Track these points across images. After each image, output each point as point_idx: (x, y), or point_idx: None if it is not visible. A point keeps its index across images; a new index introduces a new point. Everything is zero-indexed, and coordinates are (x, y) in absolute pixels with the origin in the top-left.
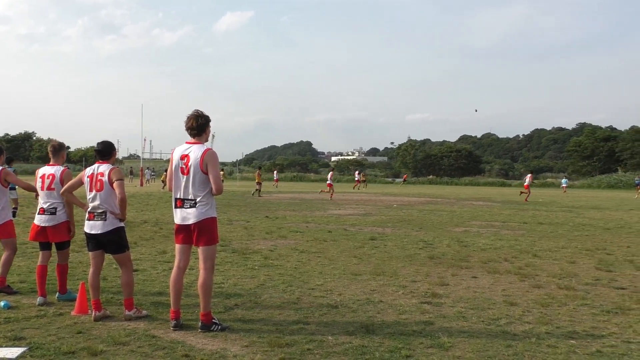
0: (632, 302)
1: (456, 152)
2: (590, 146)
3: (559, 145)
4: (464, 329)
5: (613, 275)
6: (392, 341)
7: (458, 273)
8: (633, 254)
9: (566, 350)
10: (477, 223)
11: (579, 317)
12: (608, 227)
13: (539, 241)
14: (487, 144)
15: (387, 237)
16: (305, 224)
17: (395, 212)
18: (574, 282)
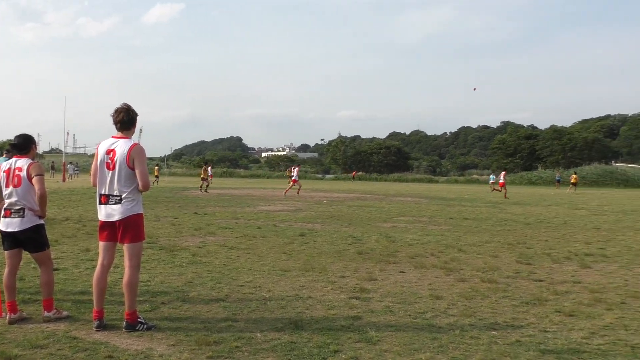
0: (549, 294)
1: (385, 149)
2: (513, 144)
3: (484, 142)
4: (391, 323)
5: (532, 268)
6: (321, 336)
7: (386, 268)
8: (551, 247)
9: (488, 341)
10: (405, 219)
11: (500, 309)
12: (528, 222)
13: (464, 236)
14: (415, 141)
15: (317, 233)
16: (235, 220)
17: (325, 208)
18: (496, 275)
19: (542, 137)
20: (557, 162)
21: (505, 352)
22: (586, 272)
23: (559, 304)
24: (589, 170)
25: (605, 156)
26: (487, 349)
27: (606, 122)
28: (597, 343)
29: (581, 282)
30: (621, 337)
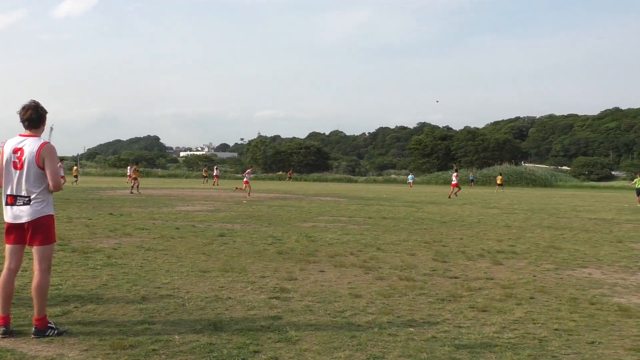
0: (463, 290)
1: (305, 149)
2: (430, 144)
3: (402, 143)
4: (311, 322)
5: (448, 266)
6: (241, 337)
7: (306, 267)
8: (465, 245)
9: (405, 338)
10: (325, 218)
11: (417, 306)
12: (444, 220)
13: (383, 235)
14: (335, 141)
15: (236, 233)
16: (152, 220)
17: (245, 208)
18: (414, 273)
19: (456, 138)
20: (471, 162)
21: (422, 348)
22: (498, 269)
23: (472, 300)
24: (500, 170)
25: (515, 157)
26: (405, 346)
27: (516, 123)
28: (508, 337)
29: (493, 279)
30: (530, 331)
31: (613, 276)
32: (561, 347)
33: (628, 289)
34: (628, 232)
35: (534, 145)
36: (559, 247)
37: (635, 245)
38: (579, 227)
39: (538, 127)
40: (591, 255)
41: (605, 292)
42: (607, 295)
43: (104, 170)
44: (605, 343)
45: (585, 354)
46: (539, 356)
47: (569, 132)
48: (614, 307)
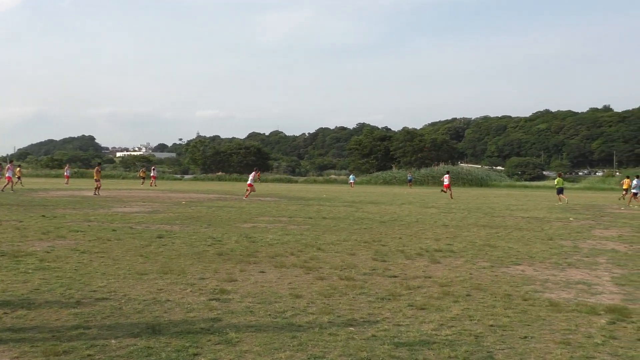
0: (402, 289)
1: (245, 149)
2: (369, 145)
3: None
4: (251, 323)
5: (387, 265)
6: (180, 340)
7: (246, 268)
8: (404, 244)
9: (345, 337)
10: (265, 219)
11: (357, 305)
12: (383, 220)
13: (323, 235)
14: (275, 141)
15: (175, 235)
16: (87, 222)
17: (184, 209)
18: (354, 272)
19: (395, 138)
20: (409, 162)
21: (362, 347)
22: (436, 267)
23: (411, 299)
24: (438, 171)
25: (452, 157)
26: (345, 345)
27: (453, 124)
28: (446, 334)
29: (431, 277)
30: (467, 327)
31: (544, 272)
32: (496, 343)
33: (558, 284)
34: (558, 229)
35: (470, 145)
36: (494, 245)
37: (564, 242)
38: (513, 226)
39: (474, 128)
40: (524, 253)
41: (537, 288)
42: (539, 291)
43: (37, 171)
44: (537, 337)
45: (519, 348)
46: (475, 352)
47: (502, 133)
48: (545, 302)
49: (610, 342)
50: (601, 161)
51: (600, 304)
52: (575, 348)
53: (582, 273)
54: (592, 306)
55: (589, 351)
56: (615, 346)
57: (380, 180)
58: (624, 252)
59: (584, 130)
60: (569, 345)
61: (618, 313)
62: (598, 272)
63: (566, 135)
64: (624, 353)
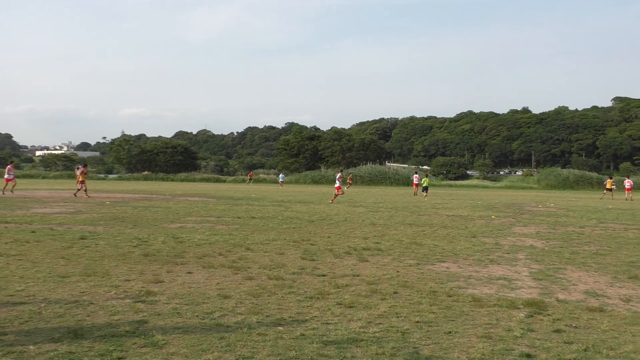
0: (331, 287)
1: (172, 148)
2: (298, 144)
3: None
4: (178, 325)
5: (316, 264)
6: (103, 344)
7: (173, 269)
8: (333, 243)
9: (274, 337)
10: (193, 219)
11: (286, 305)
12: (312, 219)
13: (252, 235)
14: (202, 140)
15: (99, 236)
16: (4, 224)
17: (108, 209)
18: (283, 272)
19: (324, 138)
20: (337, 162)
21: (291, 346)
22: (364, 266)
23: (340, 297)
24: (365, 170)
25: (380, 156)
26: (274, 345)
27: (380, 124)
28: (373, 331)
29: (360, 275)
30: (394, 324)
31: (468, 269)
32: (422, 339)
33: (481, 280)
34: (481, 227)
35: (397, 145)
36: (420, 243)
37: (487, 239)
38: (438, 224)
39: (400, 128)
40: (449, 250)
41: (461, 285)
42: (462, 287)
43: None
44: (461, 332)
45: (443, 343)
46: (402, 348)
47: (428, 133)
48: (468, 298)
49: (528, 335)
50: (521, 161)
51: (520, 299)
52: (496, 341)
53: (503, 269)
54: (512, 300)
55: (509, 344)
56: (532, 338)
57: (309, 179)
58: (541, 248)
59: (504, 131)
60: (490, 338)
61: (535, 306)
62: (518, 267)
63: (488, 135)
64: (541, 344)
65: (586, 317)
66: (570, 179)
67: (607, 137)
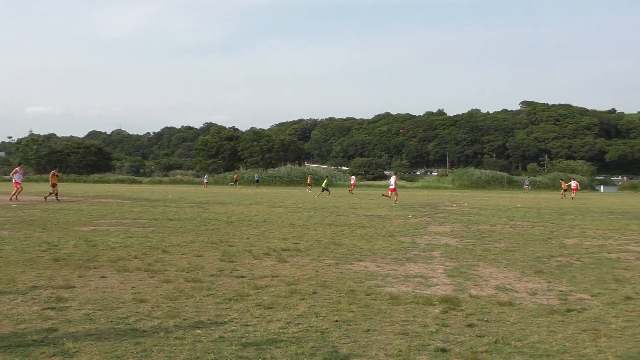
0: (250, 289)
1: (84, 149)
2: (216, 145)
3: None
4: (91, 331)
5: (235, 265)
6: (8, 355)
7: (86, 274)
8: (252, 244)
9: (192, 340)
10: (107, 221)
11: (204, 307)
12: (231, 220)
13: (169, 237)
14: (117, 141)
15: (4, 241)
16: None
17: (14, 212)
18: (201, 274)
19: (243, 138)
20: (256, 162)
21: (209, 349)
22: (283, 266)
23: (259, 298)
24: (285, 171)
25: (300, 157)
26: (192, 348)
27: (299, 125)
28: (293, 331)
29: (279, 276)
30: (313, 324)
31: (385, 268)
32: (341, 337)
33: (398, 278)
34: (398, 227)
35: (316, 146)
36: (339, 243)
37: (404, 238)
38: (357, 224)
39: (320, 129)
40: (367, 250)
41: (379, 283)
42: (380, 285)
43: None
44: (379, 330)
45: (362, 341)
46: (321, 347)
47: (347, 134)
48: (386, 296)
49: (443, 330)
50: (436, 161)
51: (435, 295)
52: (412, 337)
53: (419, 267)
54: (428, 297)
55: (425, 339)
56: (447, 333)
57: (227, 180)
58: (455, 246)
59: (421, 132)
60: (407, 335)
61: (450, 303)
62: (433, 265)
63: (406, 136)
64: (455, 339)
65: (497, 311)
66: (483, 179)
67: (515, 139)
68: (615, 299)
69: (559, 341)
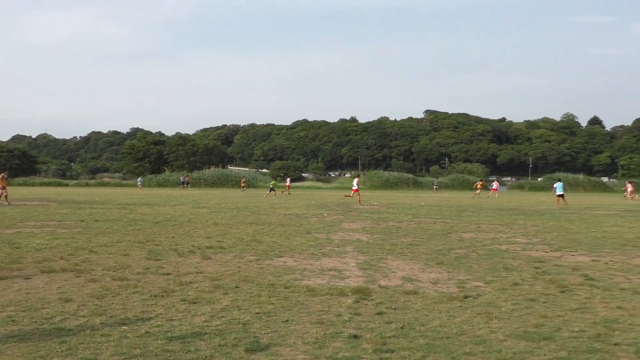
0: (175, 285)
1: (8, 152)
2: (143, 149)
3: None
4: (14, 333)
5: (160, 263)
6: None
7: (9, 276)
8: (177, 243)
9: (118, 337)
10: (32, 223)
11: (130, 304)
12: (157, 220)
13: (96, 237)
14: (43, 144)
15: None
16: None
17: None
18: (127, 272)
19: (169, 143)
20: (182, 166)
21: (135, 345)
22: (207, 263)
23: (184, 294)
24: (209, 173)
25: (223, 160)
26: (118, 344)
27: (223, 130)
28: (216, 324)
29: (203, 272)
30: (235, 317)
31: (303, 262)
32: (262, 328)
33: (314, 272)
34: (314, 224)
35: (239, 150)
36: (259, 240)
37: (320, 235)
38: (276, 222)
39: (242, 134)
40: (286, 246)
41: (297, 277)
42: (298, 279)
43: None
44: (297, 320)
45: (281, 331)
46: (243, 338)
47: (267, 139)
48: (303, 288)
49: (355, 318)
50: (349, 164)
51: (348, 287)
52: (327, 326)
53: (334, 261)
54: (342, 289)
55: (339, 327)
56: (359, 321)
57: (154, 182)
58: (367, 242)
59: (335, 137)
60: (322, 324)
61: (361, 293)
62: (346, 259)
63: (321, 141)
64: (366, 326)
65: (403, 300)
66: (391, 180)
67: (420, 144)
68: (505, 285)
69: (457, 324)
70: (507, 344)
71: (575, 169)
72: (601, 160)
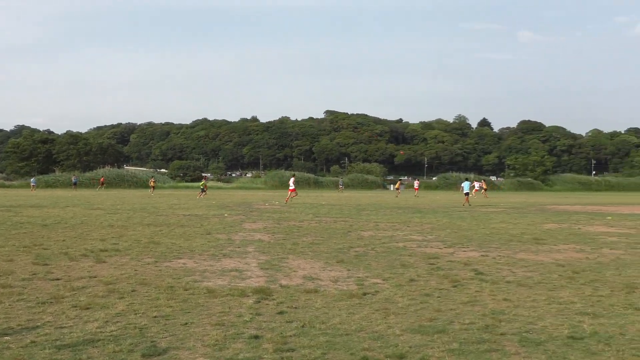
0: (66, 291)
1: None
2: (29, 148)
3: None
4: None
5: (49, 268)
6: None
7: None
8: (68, 246)
9: (0, 348)
10: None
11: (14, 313)
12: (46, 223)
13: None
14: None
15: None
16: None
17: None
18: (11, 279)
19: (58, 141)
20: (73, 165)
21: (19, 355)
22: (101, 267)
23: (75, 299)
24: (103, 173)
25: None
26: (0, 356)
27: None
28: (111, 330)
29: (97, 277)
30: (132, 321)
31: (203, 264)
32: (159, 332)
33: (215, 273)
34: (215, 225)
35: (135, 149)
36: (158, 242)
37: (220, 235)
38: (176, 223)
39: (139, 133)
40: (185, 247)
41: (197, 278)
42: (198, 280)
43: None
44: (197, 322)
45: (180, 334)
46: (140, 343)
47: (166, 138)
48: (203, 290)
49: (256, 318)
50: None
51: (249, 287)
52: (228, 327)
53: (235, 262)
54: (242, 289)
55: (240, 328)
56: (260, 321)
57: (42, 183)
58: (268, 242)
59: (236, 137)
60: (223, 325)
61: (262, 293)
62: (248, 259)
63: (222, 141)
64: (267, 326)
65: (304, 298)
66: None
67: (320, 144)
68: (402, 281)
69: (357, 321)
70: (403, 339)
71: (467, 168)
72: (490, 160)
